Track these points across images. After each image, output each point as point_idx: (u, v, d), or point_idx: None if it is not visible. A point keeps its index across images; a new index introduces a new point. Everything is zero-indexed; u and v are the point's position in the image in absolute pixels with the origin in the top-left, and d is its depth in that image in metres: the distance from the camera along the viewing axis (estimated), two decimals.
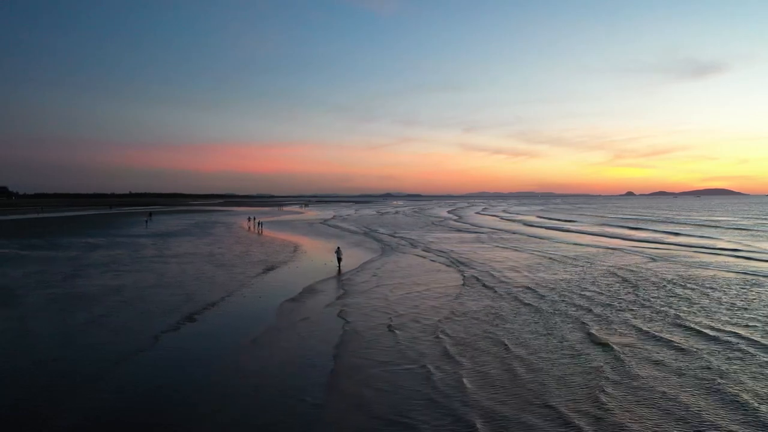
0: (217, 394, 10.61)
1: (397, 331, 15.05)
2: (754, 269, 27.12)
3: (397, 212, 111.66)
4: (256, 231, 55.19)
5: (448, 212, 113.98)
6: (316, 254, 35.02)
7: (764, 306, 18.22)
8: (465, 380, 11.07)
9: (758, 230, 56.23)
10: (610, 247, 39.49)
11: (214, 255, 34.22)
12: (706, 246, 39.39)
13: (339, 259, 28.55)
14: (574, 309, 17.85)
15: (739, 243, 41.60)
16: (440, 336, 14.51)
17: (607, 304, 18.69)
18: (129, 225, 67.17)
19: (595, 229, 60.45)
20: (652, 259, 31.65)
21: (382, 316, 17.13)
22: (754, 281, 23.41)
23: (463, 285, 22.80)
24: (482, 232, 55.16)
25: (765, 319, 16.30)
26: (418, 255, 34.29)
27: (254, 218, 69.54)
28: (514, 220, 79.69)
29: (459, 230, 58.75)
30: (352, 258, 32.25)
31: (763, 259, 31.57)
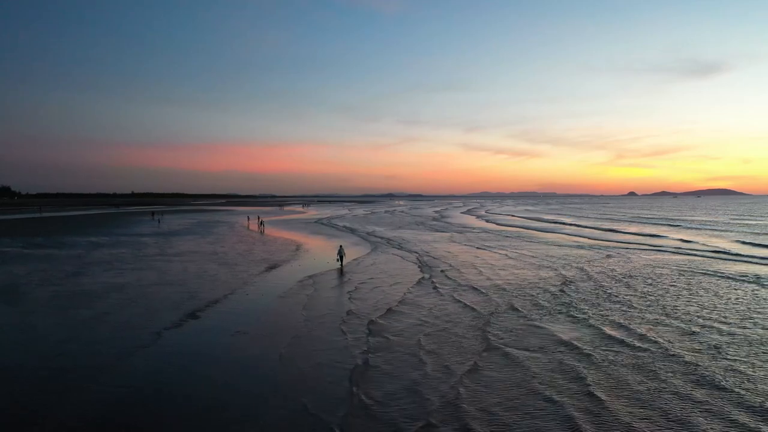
0: (219, 392, 10.69)
1: (342, 328, 15.55)
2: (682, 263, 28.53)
3: (386, 212, 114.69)
4: (259, 230, 55.64)
5: (435, 211, 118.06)
6: (318, 252, 35.21)
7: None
8: (371, 373, 11.75)
9: (715, 229, 57.58)
10: (569, 244, 41.46)
11: (217, 253, 34.35)
12: (653, 244, 41.49)
13: (341, 257, 28.79)
14: (505, 310, 17.94)
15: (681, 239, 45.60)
16: (374, 336, 14.85)
17: (538, 304, 18.79)
18: (132, 224, 67.41)
19: (567, 229, 61.37)
20: (608, 256, 33.53)
21: (339, 312, 17.61)
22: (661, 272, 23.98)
23: (418, 284, 23.14)
24: (458, 231, 55.93)
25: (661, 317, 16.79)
26: (391, 253, 34.93)
27: (257, 217, 69.99)
28: (489, 221, 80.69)
29: (437, 230, 58.87)
30: (327, 258, 32.47)
31: (691, 254, 33.62)
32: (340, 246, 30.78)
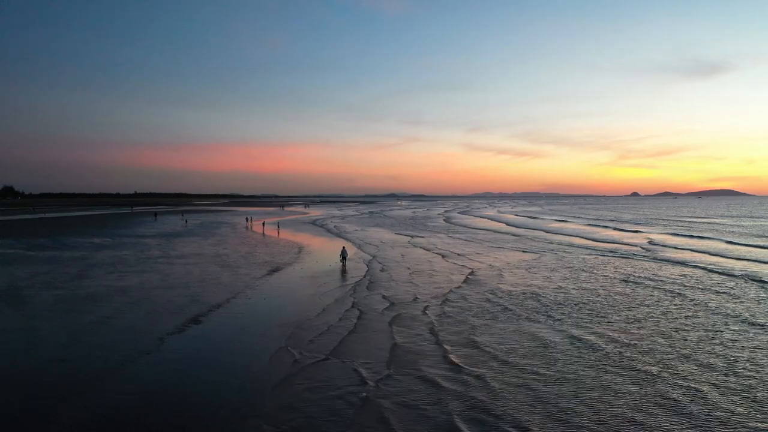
0: (220, 394, 10.65)
1: (286, 337, 15.14)
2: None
3: (368, 213, 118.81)
4: (262, 231, 55.92)
5: (413, 212, 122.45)
6: (318, 254, 35.30)
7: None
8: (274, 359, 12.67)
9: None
10: (517, 248, 41.09)
11: (220, 256, 34.35)
12: (594, 247, 41.77)
13: (344, 258, 29.09)
14: (392, 318, 17.44)
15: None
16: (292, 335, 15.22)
17: (431, 313, 18.19)
18: (135, 225, 67.57)
19: (527, 232, 59.70)
20: (539, 257, 34.73)
21: (281, 315, 17.75)
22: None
23: (345, 294, 21.58)
24: (420, 235, 53.64)
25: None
26: (357, 260, 33.22)
27: (253, 218, 70.65)
28: (459, 223, 79.58)
29: (400, 232, 57.74)
30: (328, 260, 32.44)
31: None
32: (343, 247, 30.93)
